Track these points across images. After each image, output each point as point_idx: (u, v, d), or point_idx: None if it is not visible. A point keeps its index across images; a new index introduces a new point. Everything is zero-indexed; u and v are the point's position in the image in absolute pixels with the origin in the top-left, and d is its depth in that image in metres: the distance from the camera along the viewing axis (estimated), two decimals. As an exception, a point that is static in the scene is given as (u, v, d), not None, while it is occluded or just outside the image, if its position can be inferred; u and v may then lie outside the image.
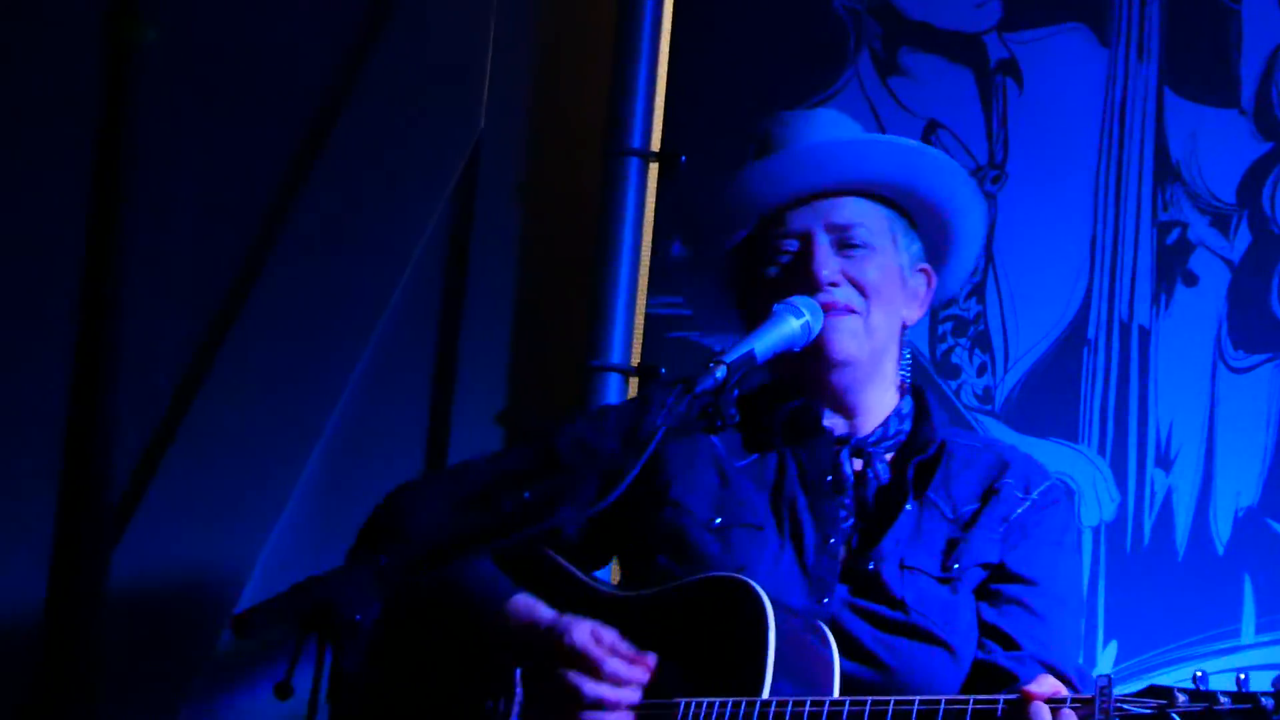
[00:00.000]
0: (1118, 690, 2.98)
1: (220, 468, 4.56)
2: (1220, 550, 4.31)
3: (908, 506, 3.45)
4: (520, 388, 4.69)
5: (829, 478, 3.48)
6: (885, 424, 3.53)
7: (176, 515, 4.54)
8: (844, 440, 3.51)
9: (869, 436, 3.52)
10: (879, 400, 3.54)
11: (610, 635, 3.30)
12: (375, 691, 3.46)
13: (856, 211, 3.50)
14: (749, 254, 3.57)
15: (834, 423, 3.52)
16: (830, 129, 3.58)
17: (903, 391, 3.58)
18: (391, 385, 4.68)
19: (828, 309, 3.42)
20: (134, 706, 4.45)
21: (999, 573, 3.45)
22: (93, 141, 4.46)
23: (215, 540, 4.53)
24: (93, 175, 4.45)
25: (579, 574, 3.49)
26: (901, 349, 3.59)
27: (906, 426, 3.55)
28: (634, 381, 4.56)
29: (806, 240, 3.48)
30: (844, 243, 3.49)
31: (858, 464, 3.50)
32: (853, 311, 3.45)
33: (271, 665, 4.36)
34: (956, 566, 3.42)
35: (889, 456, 3.53)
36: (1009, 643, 3.40)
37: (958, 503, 3.49)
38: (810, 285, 3.43)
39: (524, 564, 3.49)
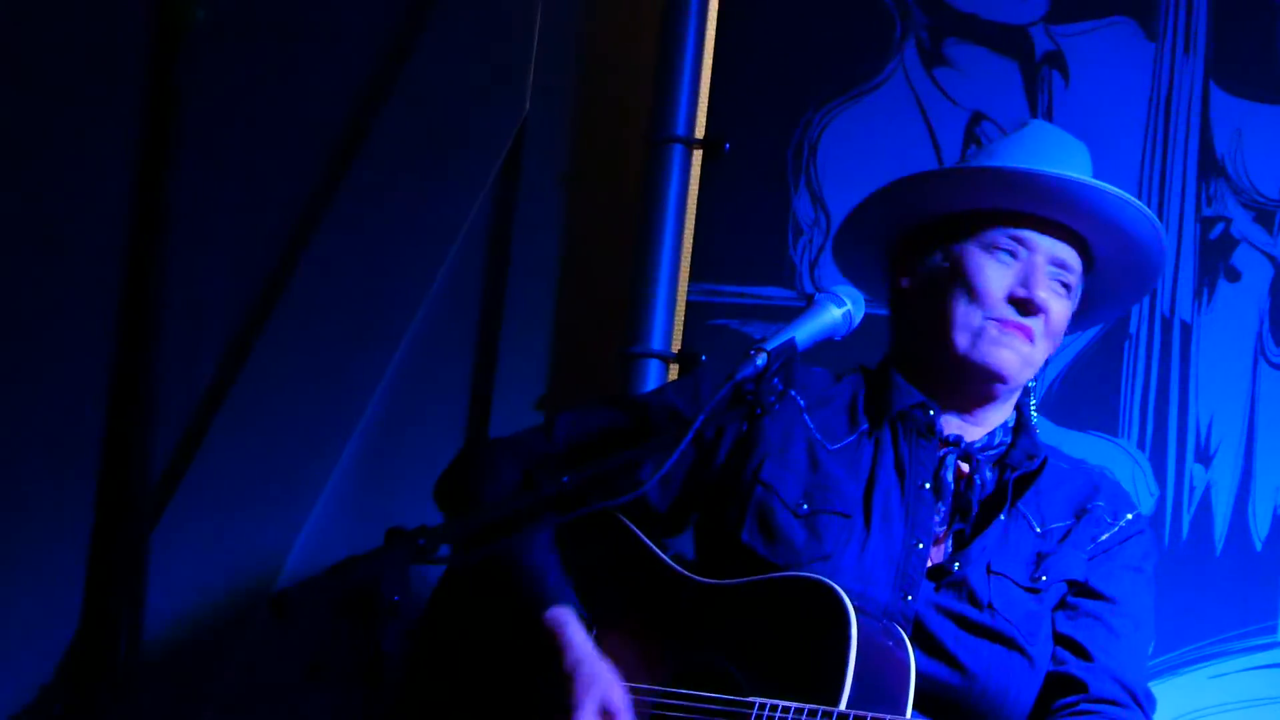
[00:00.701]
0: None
1: (260, 450, 4.57)
2: (1259, 547, 4.29)
3: (1001, 516, 3.44)
4: (560, 373, 4.69)
5: (929, 483, 3.46)
6: (993, 433, 3.53)
7: (216, 497, 4.55)
8: (953, 444, 3.49)
9: (976, 443, 3.51)
10: (999, 417, 3.55)
11: (619, 704, 3.26)
12: (416, 673, 3.45)
13: (1073, 257, 3.51)
14: (945, 227, 3.50)
15: (946, 424, 3.50)
16: (1087, 168, 3.55)
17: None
18: (432, 369, 4.69)
19: (1013, 329, 3.41)
20: (170, 687, 4.45)
21: (1079, 588, 3.47)
22: (142, 120, 4.51)
23: (254, 522, 4.53)
24: (140, 155, 4.51)
25: (655, 549, 3.47)
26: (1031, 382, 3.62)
27: (1007, 439, 3.55)
28: (674, 368, 4.54)
29: (1032, 258, 3.46)
30: (1057, 279, 3.48)
31: (964, 468, 3.49)
32: (1030, 342, 3.44)
33: (311, 644, 4.24)
34: (1044, 579, 3.43)
35: (990, 466, 3.52)
36: (1083, 653, 3.41)
37: (1047, 518, 3.50)
38: (1023, 304, 3.42)
39: (596, 532, 3.46)
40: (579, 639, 3.30)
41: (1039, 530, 3.47)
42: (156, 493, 4.54)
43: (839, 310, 3.34)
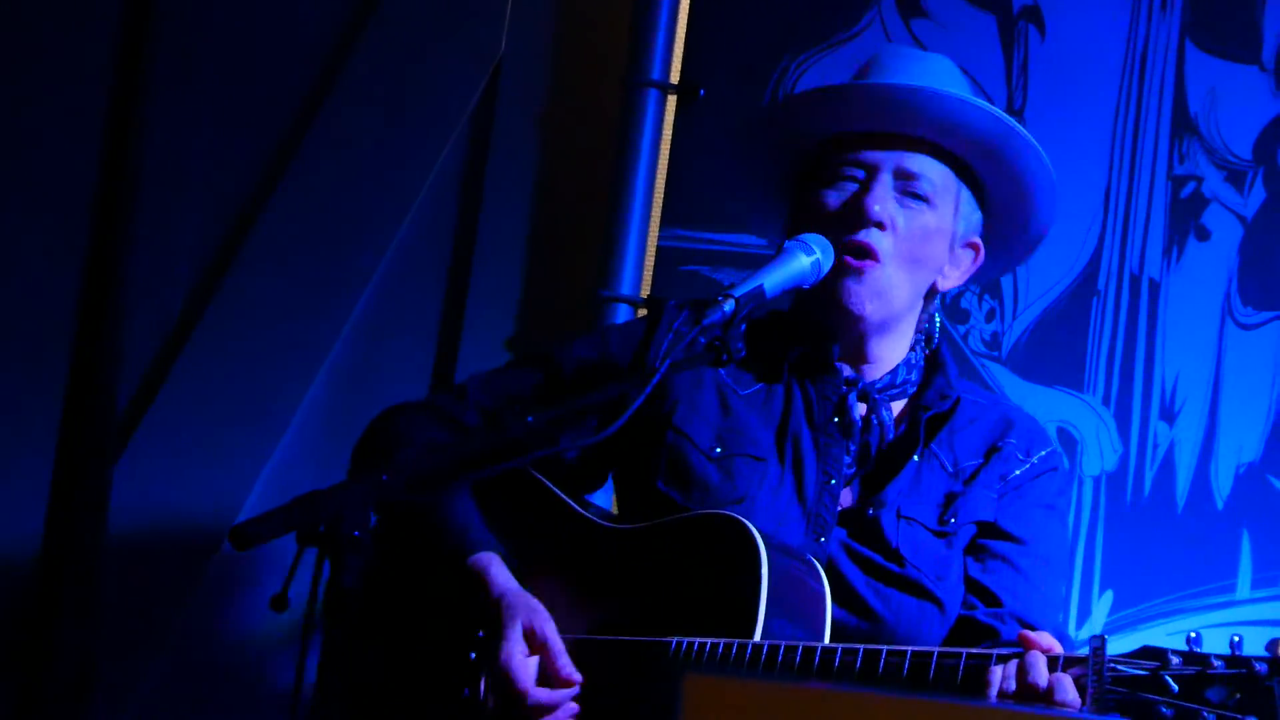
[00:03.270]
0: (1111, 649, 2.95)
1: (225, 385, 4.58)
2: (1220, 505, 4.31)
3: (915, 458, 3.46)
4: (530, 315, 4.69)
5: (835, 419, 3.48)
6: (894, 372, 3.53)
7: (180, 432, 4.55)
8: (852, 383, 3.51)
9: (875, 382, 3.51)
10: (890, 352, 3.54)
11: (545, 630, 3.30)
12: (371, 608, 3.48)
13: (929, 166, 3.48)
14: (807, 170, 3.54)
15: (844, 365, 3.51)
16: (937, 78, 3.52)
17: (914, 343, 3.57)
18: (402, 308, 4.69)
19: (858, 251, 3.40)
20: (132, 618, 4.45)
21: (989, 529, 3.47)
22: (113, 57, 4.49)
23: (218, 456, 4.54)
24: (110, 93, 4.48)
25: (570, 502, 3.50)
26: (927, 312, 3.57)
27: (915, 377, 3.55)
28: (643, 313, 4.52)
29: (872, 175, 3.46)
30: (906, 191, 3.47)
31: (862, 408, 3.50)
32: (878, 261, 3.41)
33: (270, 578, 4.37)
34: (953, 520, 3.44)
35: (895, 406, 3.53)
36: (991, 599, 3.42)
37: (959, 457, 3.50)
38: (858, 218, 3.41)
39: (514, 490, 3.50)
40: (503, 576, 3.36)
41: (951, 471, 3.48)
42: (120, 427, 4.52)
43: (808, 259, 3.36)
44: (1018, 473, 3.51)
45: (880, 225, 3.41)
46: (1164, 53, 4.45)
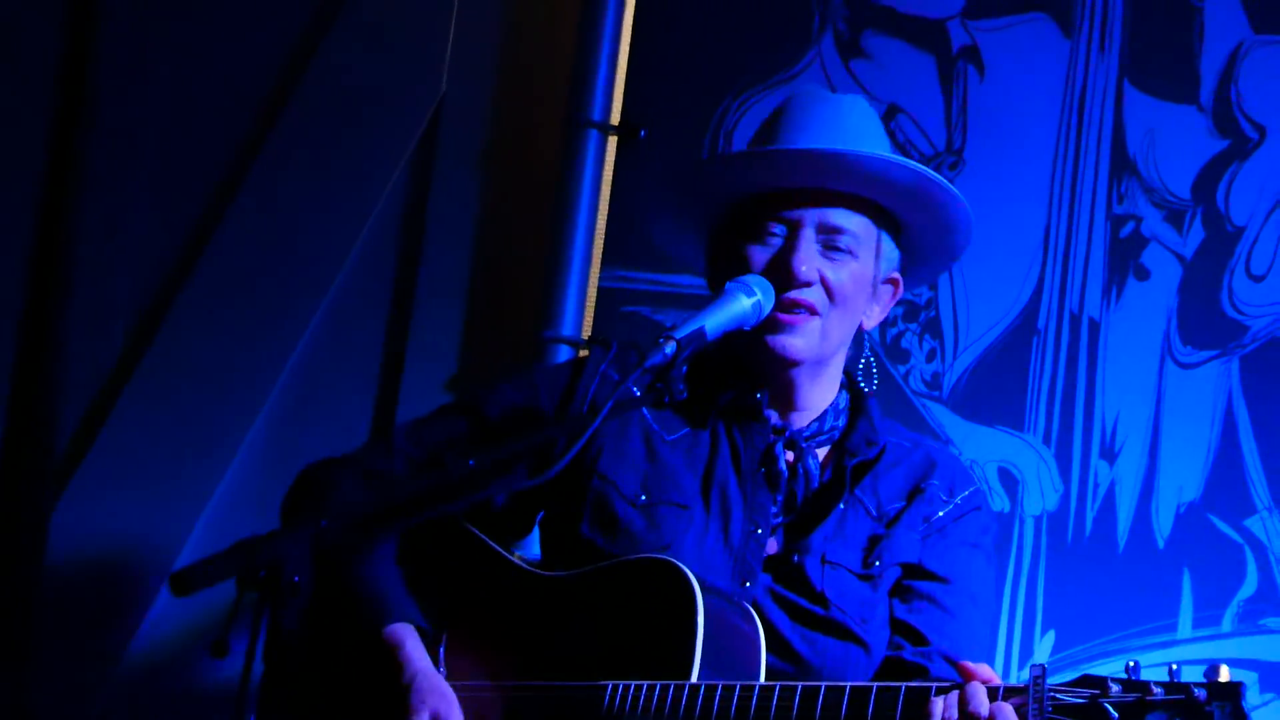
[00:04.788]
0: (1051, 680, 2.98)
1: (165, 429, 4.56)
2: (1161, 544, 4.31)
3: (840, 505, 3.45)
4: (472, 356, 4.66)
5: (762, 468, 3.47)
6: (821, 418, 3.53)
7: (120, 475, 4.52)
8: (779, 430, 3.50)
9: (804, 430, 3.51)
10: (819, 397, 3.54)
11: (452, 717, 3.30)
12: (303, 659, 3.44)
13: (850, 219, 3.48)
14: (734, 221, 3.53)
15: (772, 413, 3.51)
16: (854, 129, 3.51)
17: (839, 387, 3.57)
18: (342, 349, 4.67)
19: (791, 307, 3.41)
20: (70, 664, 4.42)
21: (914, 570, 3.48)
22: (55, 92, 4.47)
23: (156, 501, 4.52)
24: (51, 129, 4.47)
25: (500, 550, 3.49)
26: (857, 349, 3.59)
27: (841, 422, 3.54)
28: (585, 354, 4.17)
29: (795, 232, 3.46)
30: (829, 245, 3.47)
31: (789, 456, 3.49)
32: (815, 314, 3.43)
33: (208, 623, 4.32)
34: (878, 564, 3.44)
35: (820, 452, 3.53)
36: (918, 639, 3.43)
37: (883, 500, 3.50)
38: (785, 278, 3.42)
39: (444, 539, 3.49)
40: (417, 654, 3.35)
41: (874, 515, 3.48)
42: (60, 468, 4.51)
43: (749, 300, 3.37)
44: (941, 514, 3.51)
45: (808, 284, 3.41)
46: (1103, 93, 4.47)
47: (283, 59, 4.71)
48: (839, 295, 3.45)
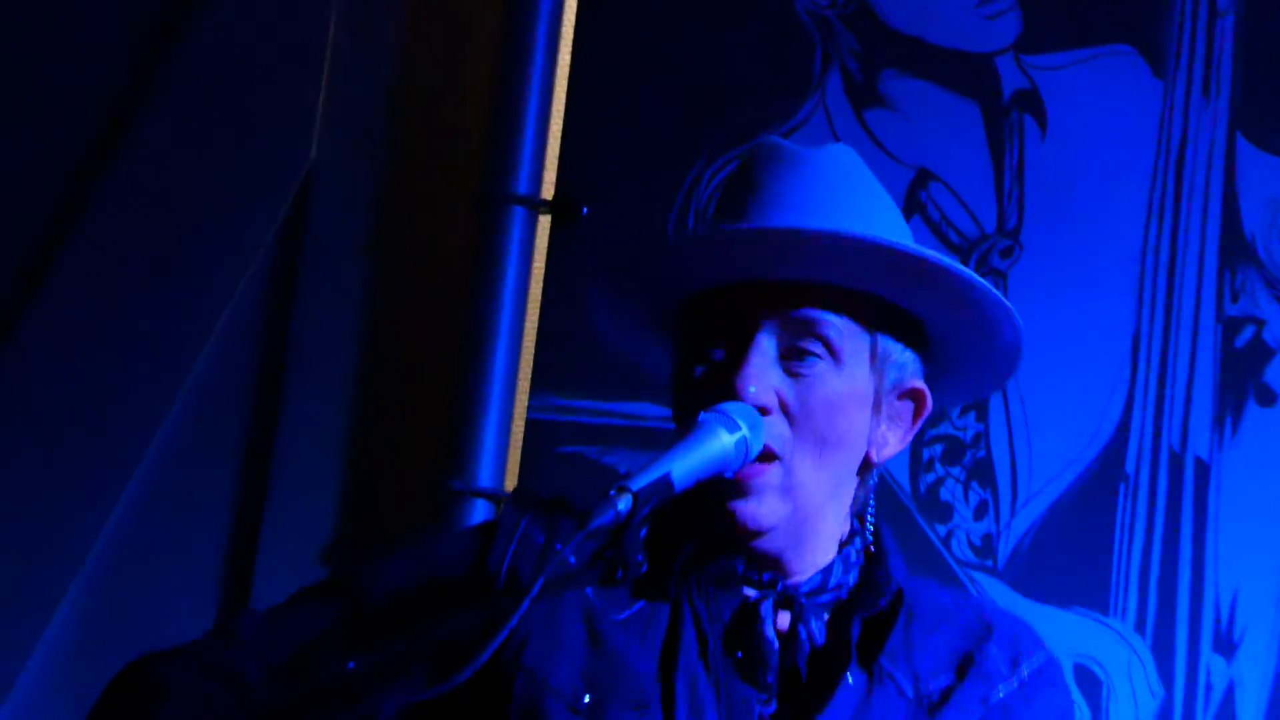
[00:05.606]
0: None
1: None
2: (1302, 768, 4.34)
3: (849, 679, 3.21)
4: (353, 517, 4.61)
5: (739, 653, 3.22)
6: (826, 570, 3.27)
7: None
8: (767, 586, 3.25)
9: (801, 585, 3.25)
10: (814, 555, 3.29)
11: None
12: None
13: (823, 318, 3.25)
14: (683, 334, 3.37)
15: (752, 571, 3.28)
16: (833, 196, 3.32)
17: (851, 534, 3.34)
18: (176, 509, 4.62)
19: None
20: None
21: None
22: None
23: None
24: None
25: None
26: (862, 495, 3.36)
27: (852, 578, 3.30)
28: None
29: (745, 339, 3.22)
30: (793, 353, 3.22)
31: (784, 620, 3.24)
32: (773, 458, 3.21)
33: None
34: None
35: (826, 615, 3.30)
36: None
37: (922, 674, 3.27)
38: (719, 400, 3.21)
39: None
40: None
41: (912, 695, 3.27)
42: None
43: (731, 437, 3.09)
44: (1003, 693, 3.31)
45: (762, 411, 3.18)
46: (1208, 151, 4.52)
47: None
48: (812, 421, 3.20)
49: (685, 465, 3.08)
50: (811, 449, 3.23)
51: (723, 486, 3.23)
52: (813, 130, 4.52)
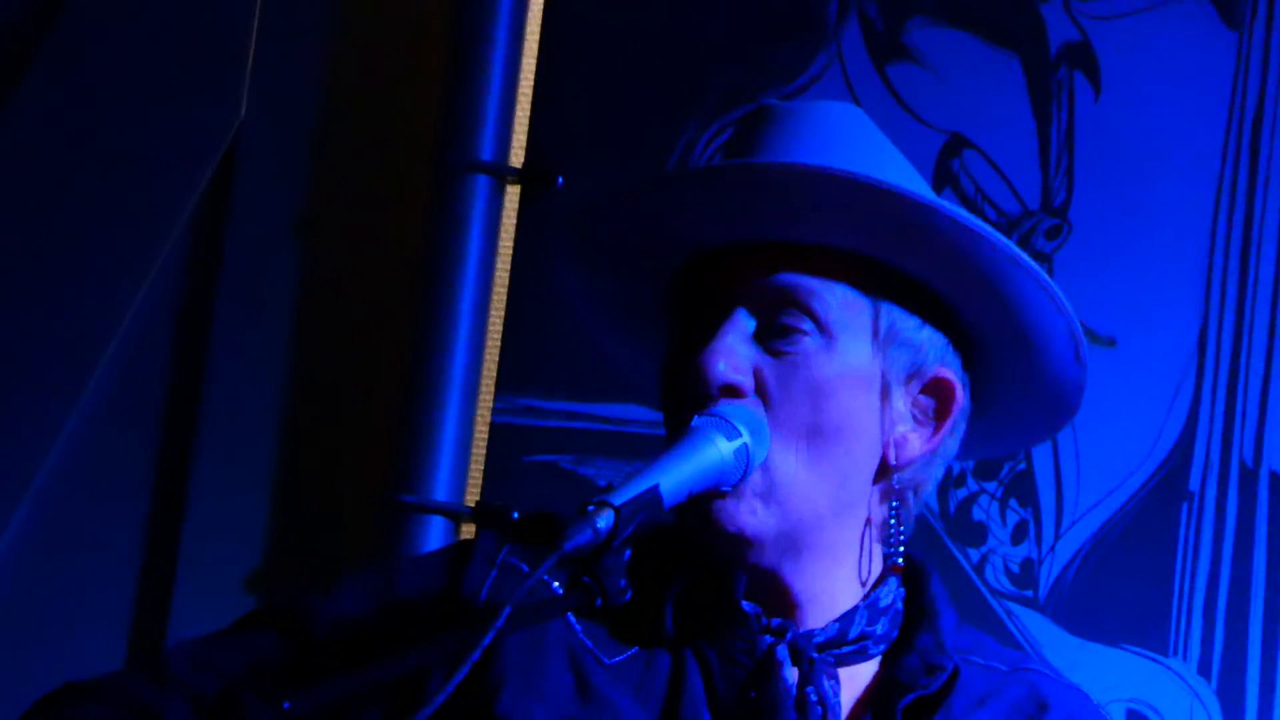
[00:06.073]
0: None
1: None
2: (1387, 830, 4.20)
3: None
4: (285, 533, 4.60)
5: (752, 693, 3.15)
6: (847, 619, 3.18)
7: None
8: (778, 632, 3.16)
9: (813, 634, 3.15)
10: (826, 586, 3.22)
11: None
12: None
13: (809, 284, 3.19)
14: (669, 322, 3.31)
15: (761, 608, 3.21)
16: (824, 145, 3.25)
17: (884, 574, 3.25)
18: (83, 523, 4.62)
19: None
20: None
21: None
22: None
23: None
24: None
25: None
26: (884, 514, 3.26)
27: (882, 629, 3.25)
28: (468, 530, 4.41)
29: (718, 312, 3.19)
30: (777, 327, 3.14)
31: (792, 676, 3.14)
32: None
33: None
34: None
35: (849, 673, 3.20)
36: None
37: None
38: (698, 387, 3.14)
39: None
40: None
41: None
42: None
43: (730, 444, 3.07)
44: None
45: (733, 390, 3.11)
46: None
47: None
48: (790, 411, 3.16)
49: (676, 477, 3.02)
50: (794, 440, 3.15)
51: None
52: (826, 88, 4.50)
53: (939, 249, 3.19)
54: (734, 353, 3.13)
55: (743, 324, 3.16)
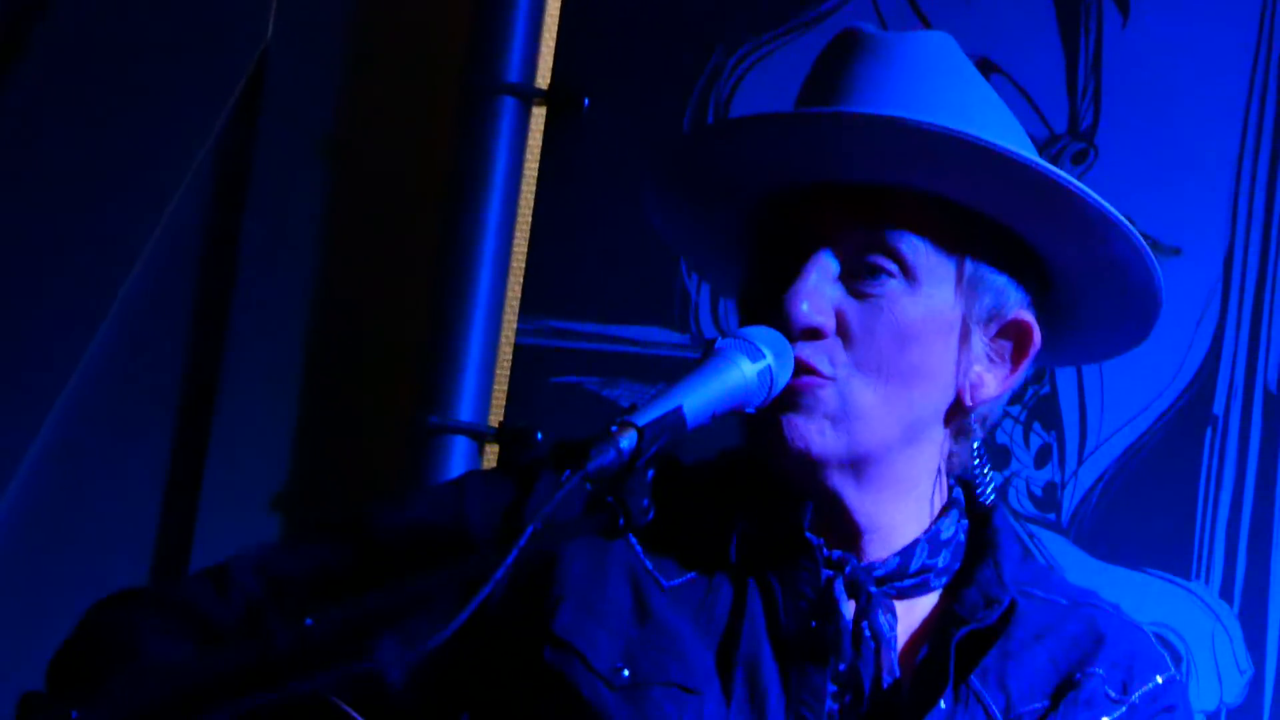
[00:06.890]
0: None
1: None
2: None
3: (941, 704, 3.17)
4: (312, 457, 4.63)
5: (814, 627, 3.17)
6: (907, 552, 3.23)
7: None
8: (838, 565, 3.18)
9: (874, 566, 3.19)
10: (892, 517, 3.26)
11: None
12: None
13: (897, 238, 3.21)
14: (749, 252, 3.37)
15: (818, 539, 3.22)
16: (916, 86, 3.29)
17: (947, 507, 3.31)
18: (114, 431, 4.64)
19: (798, 370, 3.18)
20: None
21: None
22: None
23: None
24: None
25: None
26: (961, 453, 3.32)
27: (944, 562, 3.29)
28: (491, 451, 4.44)
29: (804, 255, 3.21)
30: (858, 272, 3.17)
31: (850, 608, 3.18)
32: (824, 379, 3.17)
33: None
34: None
35: (906, 607, 3.23)
36: None
37: (1015, 698, 3.26)
38: (785, 324, 3.16)
39: None
40: None
41: None
42: None
43: (753, 366, 3.08)
44: None
45: (814, 333, 3.16)
46: None
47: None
48: (876, 348, 3.19)
49: (699, 398, 3.01)
50: (873, 378, 3.19)
51: (779, 407, 3.16)
52: (854, 12, 4.48)
53: (1033, 203, 3.23)
54: (818, 293, 3.16)
55: (827, 264, 3.17)
